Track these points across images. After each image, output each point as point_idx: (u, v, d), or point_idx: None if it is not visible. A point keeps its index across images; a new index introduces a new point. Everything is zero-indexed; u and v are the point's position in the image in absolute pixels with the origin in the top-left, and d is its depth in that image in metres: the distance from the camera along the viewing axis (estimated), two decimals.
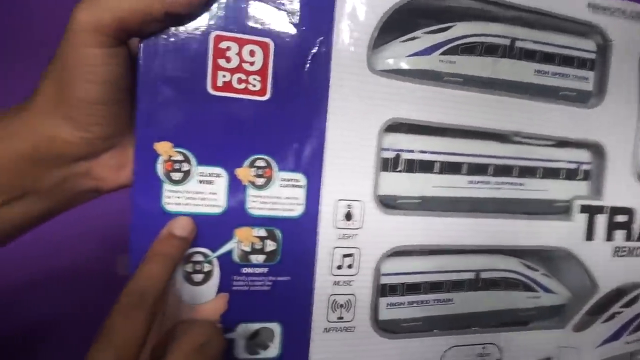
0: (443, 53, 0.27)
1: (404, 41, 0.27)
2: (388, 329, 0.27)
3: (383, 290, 0.27)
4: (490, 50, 0.28)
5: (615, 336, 0.34)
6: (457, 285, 0.29)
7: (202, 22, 0.21)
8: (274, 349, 0.25)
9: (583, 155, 0.32)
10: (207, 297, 0.23)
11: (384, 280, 0.27)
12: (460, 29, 0.27)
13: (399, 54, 0.26)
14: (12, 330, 0.33)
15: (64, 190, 0.22)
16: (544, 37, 0.29)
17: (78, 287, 0.35)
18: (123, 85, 0.21)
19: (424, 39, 0.27)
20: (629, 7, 0.31)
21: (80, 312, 0.34)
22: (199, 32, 0.21)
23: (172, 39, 0.21)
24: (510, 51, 0.28)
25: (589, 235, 0.31)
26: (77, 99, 0.20)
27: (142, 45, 0.21)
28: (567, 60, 0.30)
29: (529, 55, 0.29)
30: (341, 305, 0.26)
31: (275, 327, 0.24)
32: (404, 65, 0.26)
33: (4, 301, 0.34)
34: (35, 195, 0.21)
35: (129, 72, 0.21)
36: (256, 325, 0.24)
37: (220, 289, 0.23)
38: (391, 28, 0.25)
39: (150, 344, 0.19)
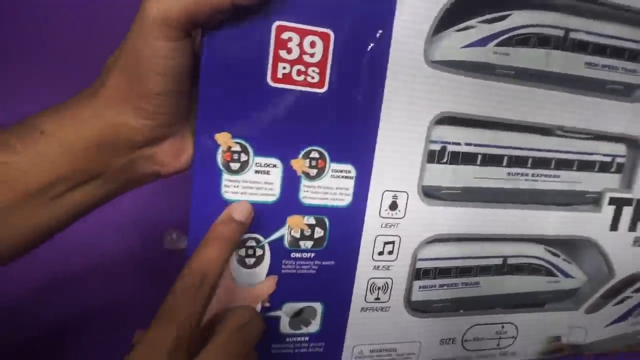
0: (498, 44, 0.26)
1: (459, 30, 0.26)
2: (419, 308, 0.29)
3: (417, 274, 0.29)
4: (543, 41, 0.27)
5: (623, 317, 0.36)
6: (485, 270, 0.31)
7: (265, 11, 0.21)
8: (315, 325, 0.26)
9: (619, 148, 0.32)
10: (258, 279, 0.24)
11: (419, 265, 0.28)
12: (516, 18, 0.27)
13: (454, 45, 0.26)
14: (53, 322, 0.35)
15: (126, 174, 0.22)
16: (598, 27, 0.29)
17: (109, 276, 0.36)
18: (187, 75, 0.21)
19: (479, 28, 0.26)
20: None
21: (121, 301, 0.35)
22: (262, 22, 0.21)
23: (234, 30, 0.21)
24: (563, 42, 0.28)
25: (614, 225, 0.32)
26: (147, 90, 0.20)
27: (205, 37, 0.20)
28: (618, 52, 0.29)
29: (581, 46, 0.28)
30: (379, 288, 0.27)
31: (318, 307, 0.26)
32: (459, 57, 0.26)
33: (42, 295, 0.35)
34: (100, 180, 0.22)
35: (191, 62, 0.21)
36: (300, 305, 0.26)
37: (270, 272, 0.24)
38: (447, 15, 0.25)
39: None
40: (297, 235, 0.24)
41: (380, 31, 0.23)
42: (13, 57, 0.34)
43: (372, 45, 0.23)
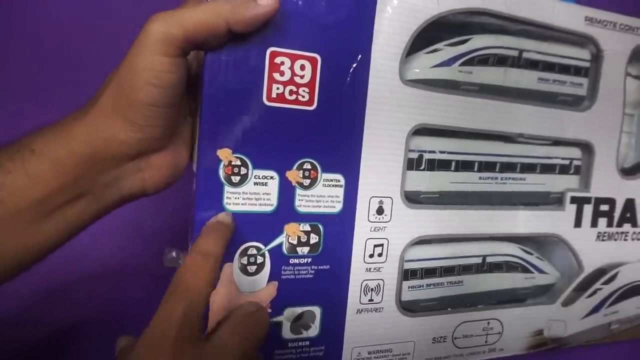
0: (462, 64, 0.30)
1: (428, 52, 0.29)
2: (409, 308, 0.31)
3: (405, 274, 0.31)
4: (501, 60, 0.31)
5: (596, 309, 0.39)
6: (467, 269, 0.33)
7: (260, 38, 0.23)
8: (314, 329, 0.28)
9: (575, 152, 0.36)
10: (259, 285, 0.26)
11: (407, 266, 0.31)
12: (476, 42, 0.30)
13: (425, 65, 0.29)
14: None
15: (113, 191, 0.23)
16: (546, 48, 0.33)
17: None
18: (179, 91, 0.22)
19: (445, 50, 0.30)
20: (620, 20, 0.35)
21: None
22: (257, 48, 0.23)
23: (233, 55, 0.23)
24: (518, 61, 0.32)
25: (578, 222, 0.36)
26: (139, 101, 0.21)
27: (207, 60, 0.23)
28: (565, 69, 0.34)
29: (533, 64, 0.32)
30: (372, 289, 0.29)
31: (316, 310, 0.28)
32: (429, 76, 0.29)
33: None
34: (89, 197, 0.23)
35: (185, 80, 0.23)
36: (300, 309, 0.27)
37: (271, 278, 0.26)
38: (418, 39, 0.28)
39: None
40: (295, 242, 0.26)
41: (360, 55, 0.26)
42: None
43: (354, 67, 0.26)
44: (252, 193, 0.25)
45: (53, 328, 0.34)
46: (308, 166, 0.26)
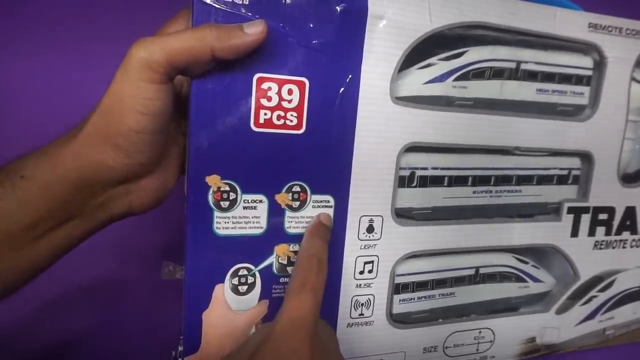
0: (456, 79, 0.29)
1: (420, 68, 0.29)
2: (400, 320, 0.31)
3: (397, 288, 0.31)
4: (497, 73, 0.30)
5: (591, 316, 0.39)
6: (459, 281, 0.33)
7: (246, 64, 0.23)
8: None
9: (573, 162, 0.35)
10: (250, 304, 0.27)
11: (398, 280, 0.31)
12: (472, 55, 0.30)
13: (417, 82, 0.29)
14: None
15: (102, 213, 0.24)
16: (546, 58, 0.32)
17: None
18: (167, 117, 0.23)
19: (438, 65, 0.29)
20: (625, 25, 0.33)
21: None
22: (244, 74, 0.23)
23: (219, 82, 0.23)
24: (515, 73, 0.31)
25: (574, 232, 0.35)
26: (127, 128, 0.21)
27: (193, 87, 0.23)
28: (566, 78, 0.33)
29: (532, 75, 0.32)
30: (362, 304, 0.29)
31: None
32: (421, 93, 0.29)
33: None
34: (78, 219, 0.23)
35: (172, 106, 0.23)
36: None
37: (262, 297, 0.27)
38: (410, 53, 0.28)
39: None
40: (285, 262, 0.27)
41: (350, 76, 0.25)
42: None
43: (343, 89, 0.25)
44: (242, 217, 0.25)
45: (51, 341, 0.35)
46: (297, 189, 0.26)
